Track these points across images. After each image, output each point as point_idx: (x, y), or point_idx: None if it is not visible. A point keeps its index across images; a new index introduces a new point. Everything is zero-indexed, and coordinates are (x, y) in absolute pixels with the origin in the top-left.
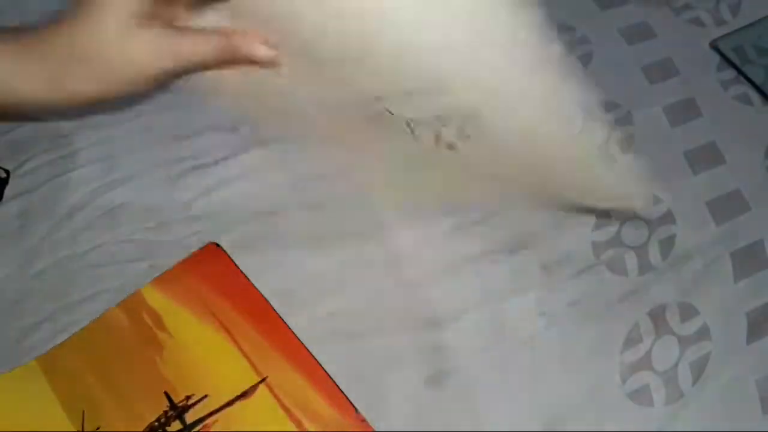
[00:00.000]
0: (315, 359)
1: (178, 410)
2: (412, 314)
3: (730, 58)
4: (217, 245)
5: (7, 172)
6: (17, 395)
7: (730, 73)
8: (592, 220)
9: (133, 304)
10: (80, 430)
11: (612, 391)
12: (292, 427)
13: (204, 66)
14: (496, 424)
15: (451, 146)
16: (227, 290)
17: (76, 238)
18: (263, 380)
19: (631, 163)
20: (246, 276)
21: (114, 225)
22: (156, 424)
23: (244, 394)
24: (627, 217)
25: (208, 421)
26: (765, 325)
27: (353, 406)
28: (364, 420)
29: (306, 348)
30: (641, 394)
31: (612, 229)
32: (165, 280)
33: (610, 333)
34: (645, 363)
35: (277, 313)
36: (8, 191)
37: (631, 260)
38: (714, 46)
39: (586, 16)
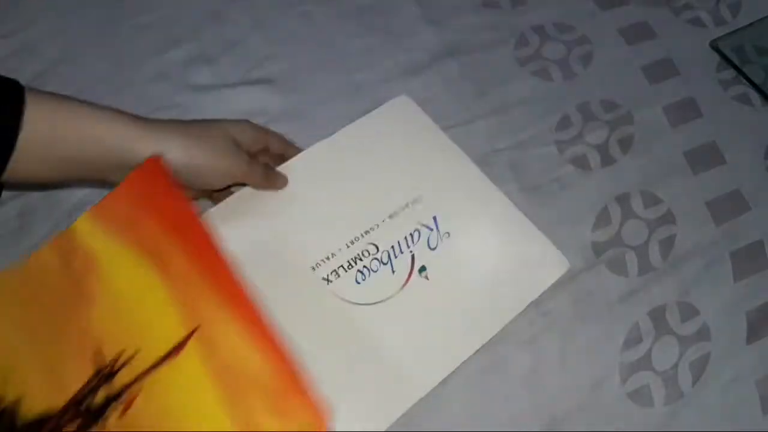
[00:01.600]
0: (256, 306)
1: (104, 377)
2: None
3: (730, 58)
4: (158, 160)
5: None
6: None
7: (730, 73)
8: (592, 219)
9: (65, 241)
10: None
11: (612, 391)
12: (214, 393)
13: None
14: (497, 424)
15: None
16: (166, 214)
17: None
18: (192, 333)
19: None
20: (183, 197)
21: None
22: (80, 396)
23: (171, 353)
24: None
25: (133, 388)
26: (765, 325)
27: (302, 381)
28: (306, 384)
29: (246, 291)
30: (641, 394)
31: (612, 229)
32: (101, 206)
33: (610, 333)
34: (645, 363)
35: (217, 245)
36: (8, 191)
37: (631, 260)
38: (714, 46)
39: (586, 16)
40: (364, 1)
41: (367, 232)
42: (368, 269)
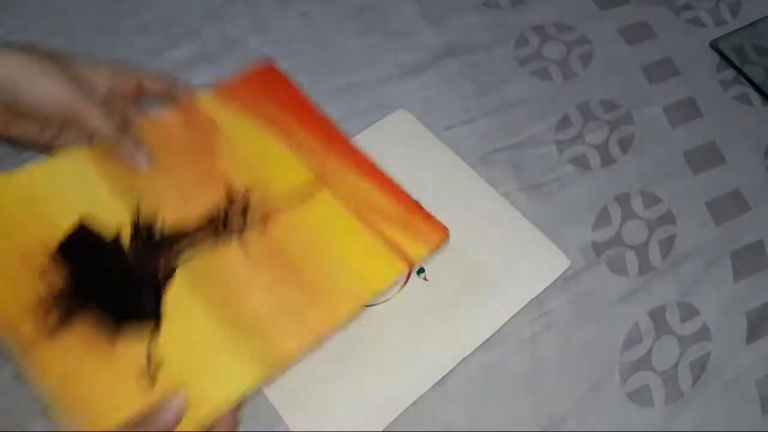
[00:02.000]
0: (377, 165)
1: (238, 201)
2: None
3: (730, 58)
4: (272, 62)
5: None
6: (65, 178)
7: (730, 73)
8: (592, 219)
9: (184, 108)
10: (135, 219)
11: (612, 391)
12: (349, 215)
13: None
14: (496, 424)
15: None
16: (284, 102)
17: None
18: (321, 179)
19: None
20: (300, 90)
21: None
22: (215, 214)
23: (305, 195)
24: None
25: (269, 210)
26: (765, 325)
27: (421, 207)
28: (424, 209)
29: (367, 155)
30: (641, 394)
31: (612, 228)
32: (219, 88)
33: (610, 333)
34: (645, 363)
35: (337, 127)
36: None
37: (631, 260)
38: (714, 46)
39: (586, 16)
40: (364, 1)
41: None
42: None
